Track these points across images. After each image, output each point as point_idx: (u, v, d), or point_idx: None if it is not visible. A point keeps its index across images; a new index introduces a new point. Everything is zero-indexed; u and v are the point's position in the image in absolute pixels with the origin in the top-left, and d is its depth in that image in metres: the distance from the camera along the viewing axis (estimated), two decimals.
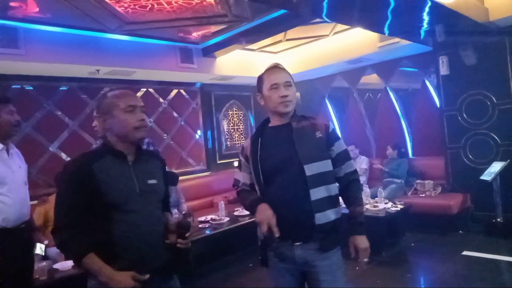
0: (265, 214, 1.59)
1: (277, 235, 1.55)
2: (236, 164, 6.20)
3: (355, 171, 1.77)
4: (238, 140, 6.85)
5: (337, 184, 1.73)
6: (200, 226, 4.07)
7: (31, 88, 4.56)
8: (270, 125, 1.79)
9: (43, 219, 3.58)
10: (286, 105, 1.69)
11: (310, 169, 1.62)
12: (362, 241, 1.67)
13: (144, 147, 2.16)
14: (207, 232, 3.92)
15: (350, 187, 1.74)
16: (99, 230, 1.45)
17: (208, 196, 5.75)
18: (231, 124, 6.79)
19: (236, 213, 4.44)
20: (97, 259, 1.40)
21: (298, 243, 1.64)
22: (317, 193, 1.62)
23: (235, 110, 6.86)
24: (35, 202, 3.66)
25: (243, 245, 4.39)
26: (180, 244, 1.54)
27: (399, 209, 4.17)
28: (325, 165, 1.67)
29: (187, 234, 1.54)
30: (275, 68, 1.75)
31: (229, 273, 3.97)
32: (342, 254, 1.72)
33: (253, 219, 3.94)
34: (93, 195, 1.43)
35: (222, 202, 4.51)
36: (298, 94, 1.80)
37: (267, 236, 1.58)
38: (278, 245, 1.67)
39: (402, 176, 5.26)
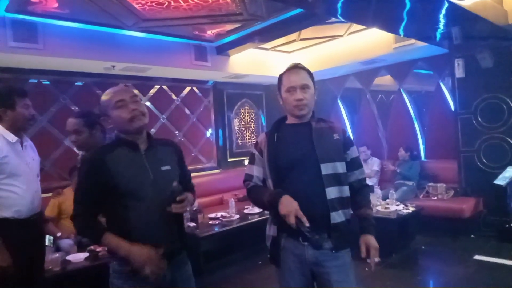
0: (291, 205, 1.54)
1: (307, 224, 1.52)
2: (246, 162, 6.27)
3: (365, 178, 1.84)
4: (249, 139, 6.87)
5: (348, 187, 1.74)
6: (210, 223, 4.09)
7: (48, 82, 4.64)
8: (287, 122, 1.80)
9: (57, 211, 3.64)
10: (301, 109, 1.70)
11: (326, 168, 1.64)
12: (374, 241, 1.70)
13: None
14: (216, 229, 3.94)
15: (362, 191, 1.79)
16: (115, 217, 1.55)
17: (218, 194, 5.78)
18: (243, 123, 6.81)
19: (246, 211, 4.45)
20: (113, 236, 1.50)
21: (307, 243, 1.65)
22: (332, 193, 1.64)
23: (247, 109, 6.88)
24: (49, 194, 3.72)
25: (252, 243, 4.39)
26: (174, 209, 1.54)
27: (410, 211, 4.14)
28: (340, 167, 1.69)
29: (178, 198, 1.55)
30: (294, 69, 1.74)
31: (238, 270, 3.99)
32: (352, 255, 1.72)
33: (263, 218, 3.97)
34: (107, 185, 1.51)
35: (232, 199, 4.52)
36: (303, 99, 1.77)
37: (296, 227, 1.54)
38: (289, 244, 1.67)
39: (414, 178, 5.21)
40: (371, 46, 5.25)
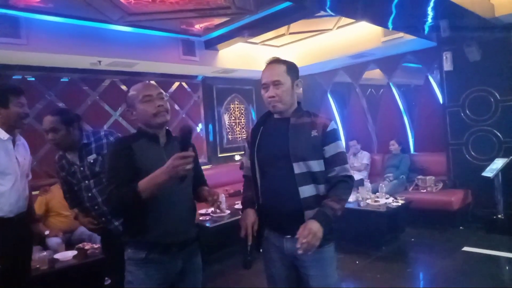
0: (246, 220, 1.66)
1: (249, 243, 1.63)
2: (237, 158, 6.25)
3: (350, 177, 1.67)
4: (239, 134, 6.84)
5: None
6: (200, 218, 4.07)
7: (32, 78, 4.55)
8: (275, 116, 1.78)
9: (45, 209, 3.59)
10: (274, 106, 1.68)
11: (299, 167, 1.61)
12: (316, 227, 1.49)
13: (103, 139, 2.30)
14: (208, 224, 3.92)
15: (336, 184, 1.63)
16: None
17: None
18: (233, 118, 6.77)
19: (236, 206, 4.43)
20: (142, 180, 1.51)
21: (288, 236, 1.65)
22: (306, 191, 1.61)
23: (237, 104, 6.84)
24: (37, 192, 3.66)
25: (243, 238, 4.39)
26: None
27: (400, 204, 4.16)
28: (317, 165, 1.63)
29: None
30: (269, 64, 1.71)
31: (228, 265, 3.97)
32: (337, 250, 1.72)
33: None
34: (132, 167, 1.59)
35: (223, 195, 4.50)
36: (300, 90, 1.75)
37: (242, 240, 1.65)
38: (270, 235, 1.71)
39: (404, 171, 5.25)
40: (360, 39, 5.25)
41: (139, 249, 1.59)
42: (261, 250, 1.78)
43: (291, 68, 1.70)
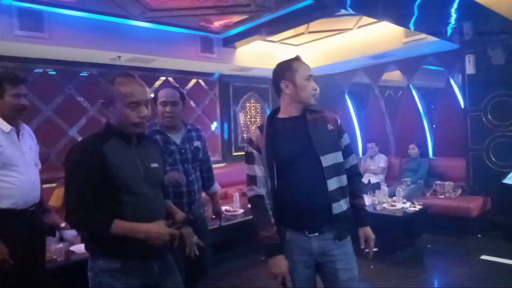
0: (281, 269, 1.63)
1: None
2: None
3: (357, 165, 1.86)
4: None
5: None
6: (213, 217, 4.05)
7: (53, 72, 4.61)
8: (280, 116, 1.77)
9: (62, 201, 3.62)
10: (316, 99, 1.75)
11: (326, 160, 1.66)
12: (370, 231, 1.78)
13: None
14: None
15: (353, 179, 1.80)
16: (110, 212, 1.45)
17: (222, 188, 5.70)
18: (248, 117, 6.75)
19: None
20: (123, 221, 1.42)
21: (315, 234, 1.67)
22: (333, 184, 1.66)
23: (253, 103, 6.82)
24: (54, 184, 3.71)
25: (256, 237, 4.38)
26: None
27: (417, 209, 4.08)
28: (338, 157, 1.72)
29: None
30: (302, 60, 1.78)
31: (242, 264, 3.97)
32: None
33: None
34: (104, 176, 1.44)
35: (237, 193, 4.50)
36: (317, 89, 1.73)
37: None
38: (294, 237, 1.68)
39: (422, 176, 5.15)
40: (381, 40, 5.16)
41: (113, 258, 1.47)
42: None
43: (275, 72, 1.81)
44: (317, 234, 1.67)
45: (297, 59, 1.77)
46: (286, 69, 1.73)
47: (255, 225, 1.73)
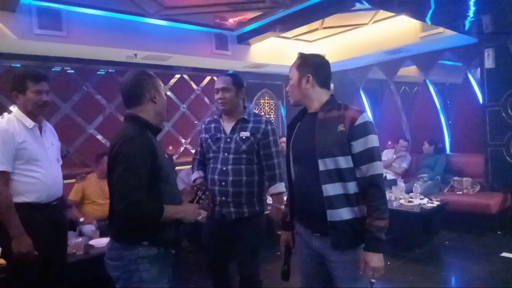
0: (282, 239, 1.91)
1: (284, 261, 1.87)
2: None
3: (378, 176, 1.53)
4: None
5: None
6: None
7: (71, 70, 4.69)
8: (308, 111, 1.75)
9: (81, 196, 3.70)
10: (290, 99, 1.76)
11: (325, 164, 1.54)
12: (375, 260, 1.48)
13: None
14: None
15: (368, 193, 1.53)
16: (158, 201, 1.56)
17: None
18: (262, 113, 6.75)
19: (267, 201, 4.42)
20: (168, 206, 1.56)
21: (317, 234, 1.64)
22: (330, 190, 1.53)
23: (267, 99, 6.81)
24: (73, 180, 3.79)
25: (271, 233, 4.38)
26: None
27: (435, 205, 4.02)
28: (343, 162, 1.53)
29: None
30: None
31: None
32: None
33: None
34: (155, 168, 1.54)
35: None
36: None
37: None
38: (302, 231, 1.73)
39: (439, 172, 5.07)
40: (397, 35, 5.08)
41: (153, 246, 1.55)
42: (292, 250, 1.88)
43: (303, 63, 1.70)
44: (318, 234, 1.62)
45: None
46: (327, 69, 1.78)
47: None
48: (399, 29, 5.03)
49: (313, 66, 1.67)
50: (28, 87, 2.13)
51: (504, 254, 3.73)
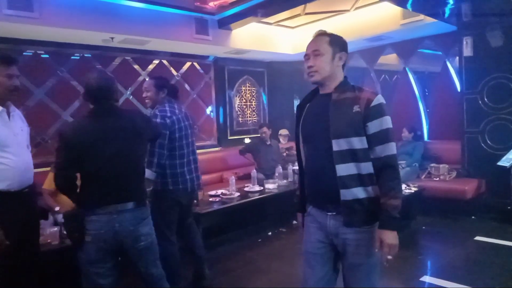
0: (297, 220, 1.94)
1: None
2: (247, 141, 6.20)
3: (392, 156, 1.58)
4: (250, 117, 6.78)
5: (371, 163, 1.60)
6: (210, 200, 4.05)
7: (44, 54, 4.51)
8: (320, 93, 1.75)
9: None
10: (311, 75, 1.67)
11: (339, 145, 1.57)
12: (390, 237, 1.53)
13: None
14: (217, 206, 3.90)
15: (383, 173, 1.57)
16: None
17: (218, 172, 5.74)
18: (244, 100, 6.70)
19: (246, 189, 4.41)
20: None
21: (332, 213, 1.65)
22: (345, 170, 1.57)
23: (248, 86, 6.76)
24: (48, 168, 3.66)
25: (252, 221, 4.40)
26: None
27: (412, 191, 4.11)
28: (357, 142, 1.57)
29: None
30: (313, 37, 1.72)
31: (238, 246, 3.98)
32: None
33: (263, 196, 4.10)
34: None
35: (233, 177, 4.47)
36: (313, 66, 1.69)
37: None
38: (314, 212, 1.72)
39: (417, 159, 5.17)
40: (378, 22, 5.08)
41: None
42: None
43: (333, 40, 1.67)
44: (334, 213, 1.64)
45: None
46: None
47: None
48: (381, 16, 5.03)
49: (342, 45, 1.69)
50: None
51: (478, 238, 3.85)
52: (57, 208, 3.38)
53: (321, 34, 1.70)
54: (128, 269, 2.14)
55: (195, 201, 3.49)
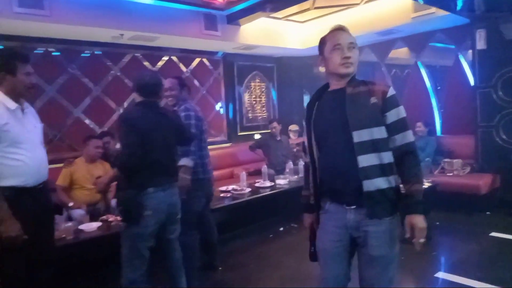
0: (306, 222, 1.90)
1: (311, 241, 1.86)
2: (257, 136, 6.19)
3: (412, 143, 1.63)
4: (260, 113, 6.76)
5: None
6: (221, 195, 4.05)
7: (55, 51, 4.53)
8: (329, 89, 1.76)
9: (69, 181, 3.61)
10: (347, 66, 1.65)
11: (359, 136, 1.58)
12: (421, 221, 1.58)
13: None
14: (228, 201, 3.90)
15: (404, 160, 1.61)
16: None
17: (228, 168, 5.73)
18: (253, 96, 6.68)
19: (257, 185, 4.40)
20: None
21: (352, 207, 1.64)
22: (366, 160, 1.58)
23: (258, 82, 6.73)
24: (61, 165, 3.69)
25: (264, 216, 4.39)
26: None
27: (426, 187, 4.03)
28: (377, 132, 1.60)
29: None
30: (339, 29, 1.71)
31: (249, 242, 3.98)
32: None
33: (274, 191, 4.22)
34: None
35: (244, 173, 4.46)
36: (350, 57, 1.71)
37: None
38: (332, 208, 1.71)
39: (430, 154, 5.09)
40: (389, 15, 5.01)
41: None
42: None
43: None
44: (354, 207, 1.64)
45: (333, 30, 1.72)
46: (320, 44, 1.74)
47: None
48: (391, 10, 4.97)
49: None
50: (18, 69, 2.07)
51: (493, 234, 3.79)
52: (70, 204, 3.42)
53: (347, 30, 1.72)
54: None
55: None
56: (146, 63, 5.31)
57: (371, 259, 1.63)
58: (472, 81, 5.07)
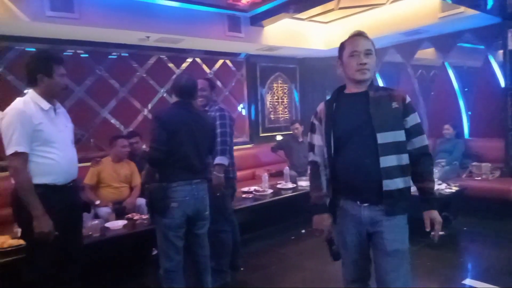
0: (322, 224, 1.82)
1: (332, 246, 1.83)
2: (279, 138, 6.17)
3: (427, 146, 1.77)
4: (282, 114, 6.75)
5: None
6: (243, 196, 4.07)
7: (84, 53, 4.67)
8: (346, 91, 1.84)
9: (96, 180, 3.71)
10: (363, 73, 1.72)
11: (383, 138, 1.67)
12: (437, 215, 1.72)
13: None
14: (250, 202, 3.92)
15: (421, 161, 1.74)
16: None
17: (250, 169, 5.74)
18: (275, 97, 6.67)
19: (279, 186, 4.40)
20: None
21: (366, 204, 1.72)
22: (388, 161, 1.67)
23: (280, 83, 6.72)
24: (88, 164, 3.79)
25: (285, 218, 4.38)
26: None
27: (453, 191, 3.93)
28: (399, 135, 1.71)
29: None
30: (358, 35, 1.77)
31: (271, 244, 3.97)
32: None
33: (296, 193, 4.22)
34: None
35: (266, 174, 4.47)
36: (366, 63, 1.77)
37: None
38: (347, 205, 1.78)
39: (457, 157, 4.95)
40: (415, 15, 4.90)
41: None
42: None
43: (374, 45, 1.78)
44: (367, 204, 1.72)
45: (352, 35, 1.78)
46: (340, 48, 1.82)
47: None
48: (418, 9, 4.86)
49: (376, 51, 1.80)
50: (55, 70, 2.15)
51: None
52: (97, 202, 3.51)
53: (366, 36, 1.78)
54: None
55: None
56: (170, 65, 5.40)
57: (388, 254, 1.71)
58: (502, 83, 4.91)
